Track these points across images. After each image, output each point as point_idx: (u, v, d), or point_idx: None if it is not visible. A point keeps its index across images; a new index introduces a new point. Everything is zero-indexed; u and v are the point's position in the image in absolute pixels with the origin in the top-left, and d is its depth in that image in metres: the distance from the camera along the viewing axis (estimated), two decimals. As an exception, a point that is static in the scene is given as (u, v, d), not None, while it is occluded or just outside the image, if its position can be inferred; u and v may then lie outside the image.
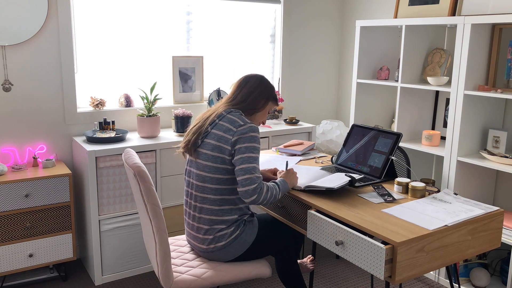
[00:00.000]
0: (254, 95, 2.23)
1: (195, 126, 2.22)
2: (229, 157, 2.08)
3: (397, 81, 3.19)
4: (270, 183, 2.11)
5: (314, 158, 2.80)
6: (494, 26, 2.76)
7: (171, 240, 2.40)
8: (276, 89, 3.90)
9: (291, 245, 2.30)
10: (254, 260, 2.24)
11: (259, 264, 2.22)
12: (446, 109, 3.22)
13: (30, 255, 2.77)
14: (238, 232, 2.15)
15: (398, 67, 3.18)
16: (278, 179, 2.19)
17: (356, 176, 2.25)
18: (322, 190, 2.18)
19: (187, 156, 2.27)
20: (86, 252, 3.07)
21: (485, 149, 2.85)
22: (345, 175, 2.26)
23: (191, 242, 2.24)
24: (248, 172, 2.02)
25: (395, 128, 3.22)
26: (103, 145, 2.85)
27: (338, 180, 2.22)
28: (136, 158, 2.07)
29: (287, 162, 2.42)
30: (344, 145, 2.66)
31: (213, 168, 2.11)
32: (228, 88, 3.67)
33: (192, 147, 2.17)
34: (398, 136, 2.42)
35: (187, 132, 2.26)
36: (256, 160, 2.06)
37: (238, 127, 2.08)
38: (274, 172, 2.38)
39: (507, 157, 2.64)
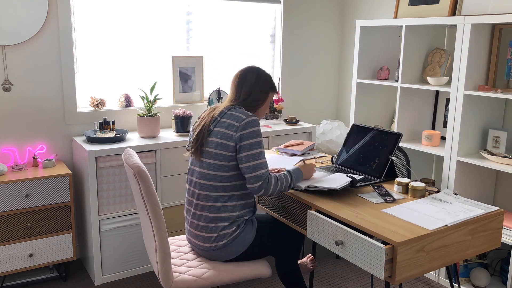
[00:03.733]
0: (255, 92, 2.24)
1: (198, 125, 2.23)
2: (232, 153, 2.10)
3: (397, 81, 3.19)
4: (281, 173, 2.17)
5: (314, 158, 2.80)
6: (494, 26, 2.76)
7: (171, 240, 2.40)
8: (276, 89, 3.91)
9: (291, 246, 2.30)
10: (254, 260, 2.24)
11: (259, 264, 2.22)
12: (446, 109, 3.22)
13: (30, 255, 2.76)
14: (238, 231, 2.15)
15: (398, 67, 3.18)
16: (293, 167, 2.25)
17: (357, 177, 2.25)
18: (323, 190, 2.18)
19: (189, 155, 2.27)
20: (86, 252, 3.07)
21: (485, 149, 2.85)
22: (346, 175, 2.26)
23: (192, 240, 2.24)
24: (254, 169, 2.07)
25: (395, 128, 3.22)
26: (103, 145, 2.85)
27: (339, 180, 2.22)
28: (136, 158, 2.07)
29: (303, 160, 2.44)
30: (344, 145, 2.66)
31: (216, 165, 2.12)
32: (228, 89, 3.66)
33: (197, 148, 2.18)
34: (398, 136, 2.42)
35: (191, 132, 2.28)
36: (260, 155, 2.10)
37: (240, 122, 2.09)
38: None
39: (507, 157, 2.64)
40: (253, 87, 2.24)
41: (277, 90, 2.36)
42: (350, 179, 2.20)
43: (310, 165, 2.31)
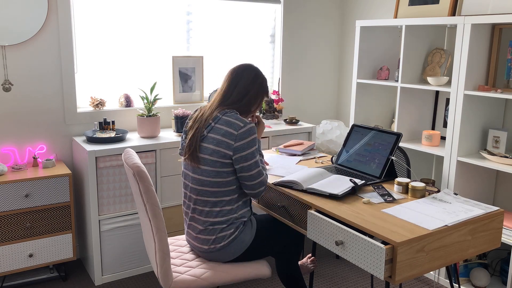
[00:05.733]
0: (250, 94, 2.18)
1: (191, 129, 2.19)
2: (229, 160, 2.09)
3: (397, 81, 3.19)
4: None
5: (314, 158, 2.80)
6: (494, 26, 2.76)
7: (170, 240, 2.40)
8: (276, 89, 3.91)
9: (291, 247, 2.29)
10: (254, 260, 2.24)
11: (258, 264, 2.22)
12: (446, 109, 3.22)
13: (30, 255, 2.77)
14: (236, 233, 2.14)
15: (398, 67, 3.18)
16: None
17: (359, 182, 2.24)
18: (324, 194, 2.17)
19: (182, 158, 2.25)
20: (86, 252, 3.07)
21: (485, 149, 2.85)
22: (349, 180, 2.25)
23: (191, 242, 2.24)
24: (257, 177, 2.12)
25: (395, 128, 3.22)
26: (103, 145, 2.85)
27: (341, 185, 2.21)
28: (136, 158, 2.07)
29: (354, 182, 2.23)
30: (344, 145, 2.66)
31: (213, 172, 2.09)
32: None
33: (192, 153, 2.13)
34: (398, 136, 2.42)
35: (183, 135, 2.25)
36: (257, 163, 2.13)
37: (238, 130, 2.06)
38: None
39: (507, 157, 2.64)
40: (248, 89, 2.18)
41: (269, 92, 2.32)
42: (352, 185, 2.19)
43: (261, 125, 2.39)
